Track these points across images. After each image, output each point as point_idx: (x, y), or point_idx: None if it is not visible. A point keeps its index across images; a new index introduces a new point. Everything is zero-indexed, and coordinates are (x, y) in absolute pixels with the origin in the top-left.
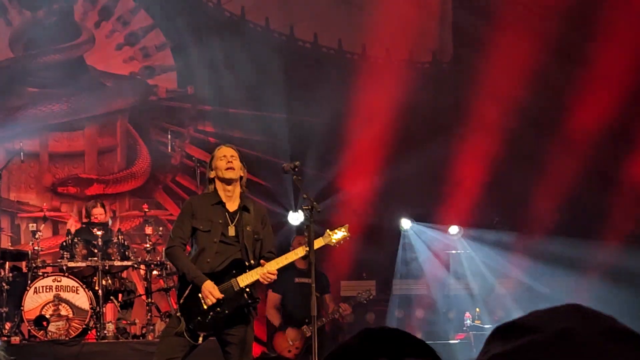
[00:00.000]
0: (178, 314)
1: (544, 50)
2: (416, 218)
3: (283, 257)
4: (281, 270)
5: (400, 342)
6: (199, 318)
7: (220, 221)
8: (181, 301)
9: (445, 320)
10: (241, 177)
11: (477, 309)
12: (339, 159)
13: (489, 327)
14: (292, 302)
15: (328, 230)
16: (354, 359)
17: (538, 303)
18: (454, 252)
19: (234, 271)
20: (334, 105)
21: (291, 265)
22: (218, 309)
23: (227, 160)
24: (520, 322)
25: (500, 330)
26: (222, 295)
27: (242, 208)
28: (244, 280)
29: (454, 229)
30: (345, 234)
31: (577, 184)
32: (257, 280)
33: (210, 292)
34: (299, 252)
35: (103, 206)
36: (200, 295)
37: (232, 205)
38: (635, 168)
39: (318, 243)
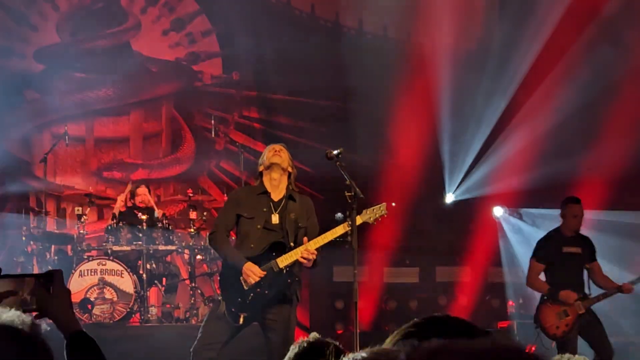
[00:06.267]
0: (220, 297)
1: (595, 33)
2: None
3: (322, 236)
4: (548, 239)
5: (463, 328)
6: (239, 299)
7: (265, 209)
8: (223, 284)
9: (488, 307)
10: (290, 174)
11: (521, 299)
12: (384, 145)
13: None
14: (557, 272)
15: (366, 209)
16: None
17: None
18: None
19: (273, 253)
20: (379, 92)
21: (558, 234)
22: (258, 289)
23: (275, 150)
24: None
25: None
26: (264, 273)
27: (288, 197)
28: (284, 261)
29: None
30: (384, 212)
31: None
32: (297, 261)
33: (252, 270)
34: (337, 231)
35: (147, 187)
36: (241, 278)
37: (277, 195)
38: None
39: (357, 221)
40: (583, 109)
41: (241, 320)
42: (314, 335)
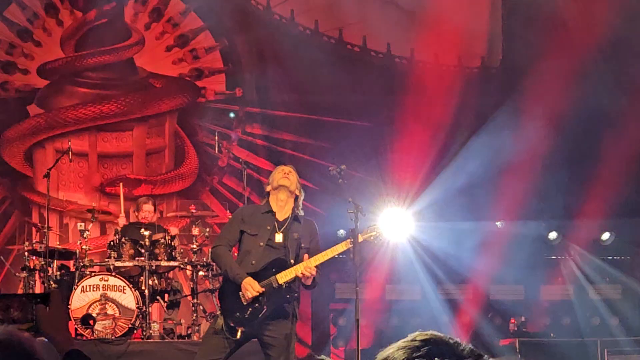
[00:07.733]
0: (218, 312)
1: (595, 54)
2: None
3: (322, 253)
4: None
5: (449, 346)
6: (237, 314)
7: (269, 227)
8: (222, 298)
9: (490, 325)
10: (297, 197)
11: (522, 317)
12: (386, 162)
13: (533, 333)
14: None
15: (368, 227)
16: None
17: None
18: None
19: (274, 269)
20: (382, 109)
21: None
22: (257, 304)
23: (285, 172)
24: None
25: None
26: (263, 289)
27: (293, 218)
28: (283, 277)
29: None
30: (377, 232)
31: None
32: (297, 278)
33: (250, 285)
34: (338, 248)
35: (154, 204)
36: (240, 293)
37: (282, 215)
38: None
39: (358, 239)
40: (584, 130)
41: (239, 334)
42: (312, 354)
